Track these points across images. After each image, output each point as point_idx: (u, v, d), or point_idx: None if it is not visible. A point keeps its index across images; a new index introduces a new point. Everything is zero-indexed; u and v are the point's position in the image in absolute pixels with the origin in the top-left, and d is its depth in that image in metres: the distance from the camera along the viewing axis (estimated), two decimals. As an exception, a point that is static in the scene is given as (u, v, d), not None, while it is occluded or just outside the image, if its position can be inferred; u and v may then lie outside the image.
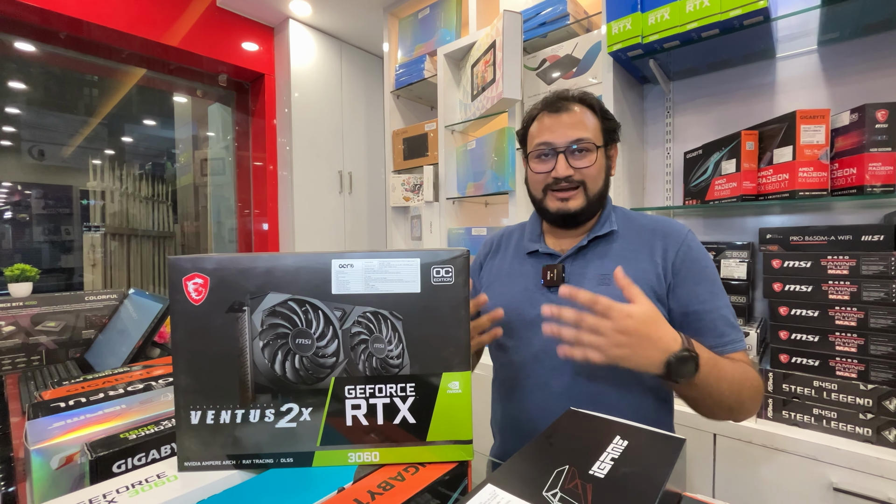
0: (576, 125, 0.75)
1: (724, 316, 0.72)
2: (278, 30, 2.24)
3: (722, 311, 0.72)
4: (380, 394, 0.39)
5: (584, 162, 0.75)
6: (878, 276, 0.93)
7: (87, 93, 2.21)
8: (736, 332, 0.72)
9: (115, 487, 0.36)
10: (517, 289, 0.81)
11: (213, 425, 0.39)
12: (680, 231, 0.76)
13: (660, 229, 0.77)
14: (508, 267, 0.85)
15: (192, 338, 0.39)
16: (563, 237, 0.83)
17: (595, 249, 0.78)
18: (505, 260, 0.87)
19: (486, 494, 0.30)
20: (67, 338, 1.27)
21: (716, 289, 0.74)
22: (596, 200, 0.77)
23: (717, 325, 0.72)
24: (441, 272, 0.38)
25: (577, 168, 0.75)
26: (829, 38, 1.19)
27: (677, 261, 0.73)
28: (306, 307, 0.39)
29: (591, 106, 0.78)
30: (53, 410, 0.52)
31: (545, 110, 0.79)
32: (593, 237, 0.77)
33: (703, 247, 0.77)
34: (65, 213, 2.16)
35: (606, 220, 0.79)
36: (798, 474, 0.98)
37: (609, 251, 0.77)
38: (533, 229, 0.86)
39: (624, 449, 0.36)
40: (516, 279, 0.82)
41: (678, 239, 0.75)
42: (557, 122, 0.76)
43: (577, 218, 0.77)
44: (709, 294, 0.73)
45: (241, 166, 2.45)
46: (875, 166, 0.97)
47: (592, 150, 0.75)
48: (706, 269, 0.74)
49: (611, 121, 0.79)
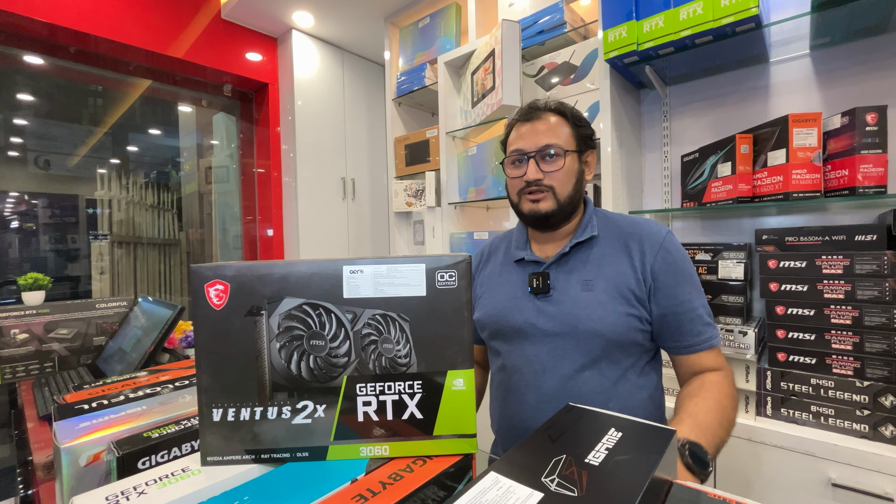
0: (546, 132, 0.79)
1: (701, 315, 0.76)
2: (281, 40, 2.28)
3: (698, 311, 0.76)
4: (389, 391, 0.41)
5: (553, 166, 0.78)
6: (872, 274, 0.96)
7: (93, 103, 2.25)
8: (711, 329, 0.76)
9: (145, 480, 0.39)
10: (506, 296, 0.84)
11: (234, 422, 0.42)
12: (658, 233, 0.79)
13: (637, 232, 0.79)
14: (498, 275, 0.88)
15: (213, 340, 0.42)
16: (547, 243, 0.85)
17: (577, 255, 0.80)
18: (495, 268, 0.90)
19: (489, 480, 0.32)
20: (79, 345, 1.30)
21: (693, 289, 0.76)
22: (567, 203, 0.80)
23: (695, 325, 0.75)
24: (445, 276, 0.40)
25: (547, 172, 0.78)
26: (820, 43, 1.22)
27: (656, 265, 0.76)
28: (320, 311, 0.42)
29: (564, 114, 0.82)
30: (78, 412, 0.55)
31: (520, 120, 0.83)
32: (575, 243, 0.80)
33: (681, 247, 0.79)
34: (71, 222, 2.19)
35: (587, 224, 0.82)
36: (797, 470, 1.00)
37: (590, 256, 0.80)
38: (519, 237, 0.89)
39: (618, 440, 0.38)
40: (504, 287, 0.85)
41: (656, 242, 0.77)
42: (530, 129, 0.81)
43: (549, 220, 0.80)
44: (687, 295, 0.75)
45: (245, 174, 2.49)
46: (866, 168, 1.00)
47: (561, 156, 0.78)
48: (683, 270, 0.77)
49: (584, 128, 0.83)
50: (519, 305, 0.81)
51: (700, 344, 0.75)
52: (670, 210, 1.43)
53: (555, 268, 0.81)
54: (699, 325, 0.75)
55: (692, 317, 0.75)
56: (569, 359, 0.76)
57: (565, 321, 0.76)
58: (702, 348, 0.75)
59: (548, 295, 0.79)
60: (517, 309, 0.81)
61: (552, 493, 0.31)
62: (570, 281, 0.78)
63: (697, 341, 0.75)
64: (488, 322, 0.84)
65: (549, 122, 0.80)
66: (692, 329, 0.75)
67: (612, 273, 0.77)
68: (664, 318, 0.76)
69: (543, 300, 0.79)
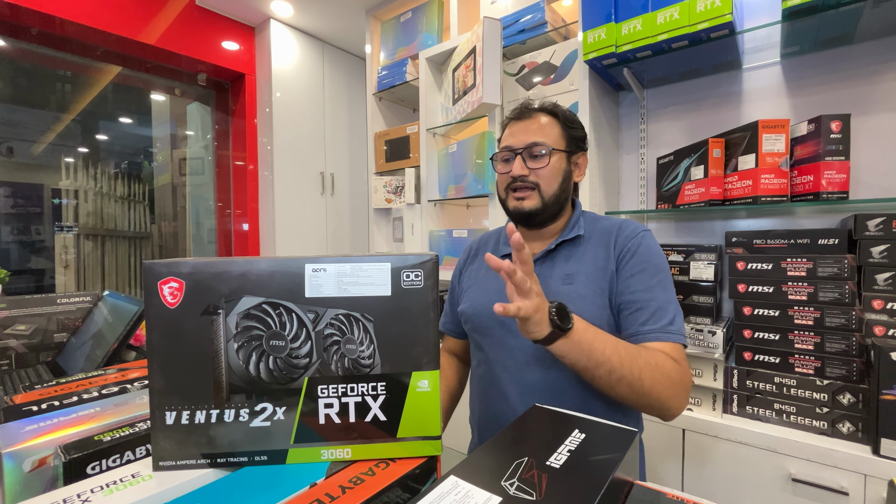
0: (536, 131, 0.80)
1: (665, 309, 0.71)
2: (259, 30, 2.22)
3: (655, 303, 0.71)
4: (352, 393, 0.40)
5: (539, 164, 0.79)
6: (833, 277, 0.99)
7: (60, 89, 2.15)
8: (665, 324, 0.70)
9: (90, 487, 0.37)
10: (491, 290, 0.84)
11: (188, 425, 0.40)
12: (634, 230, 0.78)
13: (616, 229, 0.80)
14: (485, 270, 0.89)
15: (167, 340, 0.40)
16: (534, 241, 0.86)
17: (562, 252, 0.81)
18: (482, 264, 0.91)
19: (448, 485, 0.32)
20: (38, 341, 1.24)
21: (654, 282, 0.73)
22: (553, 203, 0.80)
23: (642, 315, 0.71)
24: (411, 276, 0.40)
25: (532, 169, 0.79)
26: (790, 52, 1.25)
27: (621, 254, 0.76)
28: (280, 310, 0.40)
29: (556, 115, 0.83)
30: (26, 414, 0.52)
31: (513, 118, 0.84)
32: (561, 241, 0.81)
33: (658, 247, 0.77)
34: (35, 212, 2.09)
35: (575, 224, 0.83)
36: (759, 466, 1.03)
37: (574, 253, 0.80)
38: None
39: (581, 441, 0.38)
40: (490, 281, 0.85)
41: (629, 235, 0.78)
42: (521, 128, 0.82)
43: (534, 218, 0.81)
44: (644, 286, 0.72)
45: (220, 166, 2.42)
46: (830, 174, 1.03)
47: (547, 154, 0.78)
48: (648, 262, 0.74)
49: (576, 129, 0.83)
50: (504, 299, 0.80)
51: (645, 333, 0.70)
52: (645, 211, 1.45)
53: (539, 264, 0.81)
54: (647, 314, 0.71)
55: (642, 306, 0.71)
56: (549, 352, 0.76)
57: None
58: (647, 338, 0.69)
59: None
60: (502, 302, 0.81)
61: (511, 496, 0.31)
62: (553, 276, 0.79)
63: (642, 330, 0.70)
64: (472, 315, 0.85)
65: (539, 122, 0.81)
66: (638, 318, 0.71)
67: (591, 268, 0.77)
68: (619, 308, 0.74)
69: None
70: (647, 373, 0.63)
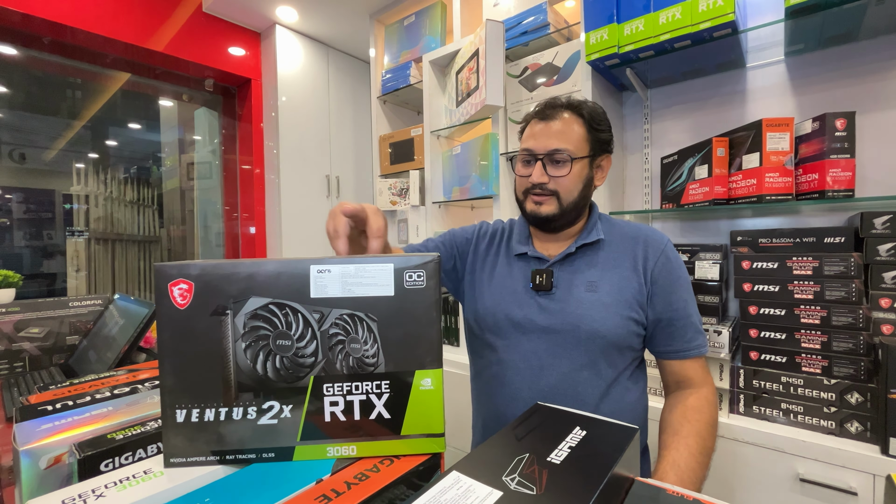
0: (558, 135, 0.77)
1: (694, 323, 0.78)
2: (265, 35, 2.25)
3: (692, 319, 0.78)
4: (356, 391, 0.41)
5: (560, 171, 0.77)
6: (839, 276, 0.98)
7: (71, 96, 2.19)
8: (701, 338, 0.79)
9: (104, 483, 0.38)
10: (506, 291, 0.83)
11: (198, 423, 0.41)
12: (660, 241, 0.80)
13: (641, 238, 0.81)
14: (499, 267, 0.87)
15: (177, 340, 0.41)
16: (550, 242, 0.85)
17: (583, 257, 0.80)
18: (497, 257, 0.89)
19: (450, 479, 0.33)
20: (51, 344, 1.27)
21: (688, 297, 0.79)
22: (571, 209, 0.80)
23: (687, 332, 0.77)
24: (413, 276, 0.40)
25: (552, 177, 0.78)
26: (794, 50, 1.25)
27: (656, 270, 0.77)
28: (286, 310, 0.41)
29: (581, 115, 0.79)
30: (41, 413, 0.53)
31: (535, 117, 0.82)
32: (581, 244, 0.80)
33: (679, 255, 0.81)
34: (47, 217, 2.13)
35: (593, 227, 0.82)
36: (767, 466, 1.03)
37: (596, 259, 0.80)
38: (521, 231, 0.88)
39: (582, 438, 0.39)
40: (505, 280, 0.84)
41: (658, 248, 0.79)
42: (543, 129, 0.79)
43: (550, 223, 0.81)
44: (682, 302, 0.77)
45: (227, 170, 2.45)
46: (835, 172, 1.02)
47: (568, 162, 0.77)
48: (680, 278, 0.79)
49: (602, 131, 0.81)
50: (519, 300, 0.81)
51: (689, 350, 0.77)
52: (650, 211, 1.45)
53: (558, 266, 0.81)
54: (691, 331, 0.77)
55: (685, 323, 0.77)
56: (567, 357, 0.76)
57: (567, 320, 0.76)
58: (690, 355, 0.77)
59: (550, 292, 0.79)
60: (517, 304, 0.81)
61: (511, 491, 0.31)
62: (574, 281, 0.79)
63: (687, 347, 0.77)
64: (486, 315, 0.83)
65: (562, 124, 0.78)
66: (684, 335, 0.77)
67: (617, 277, 0.78)
68: (658, 323, 0.78)
69: (545, 297, 0.79)
70: (711, 442, 0.72)
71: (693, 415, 0.72)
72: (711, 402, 0.76)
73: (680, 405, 0.75)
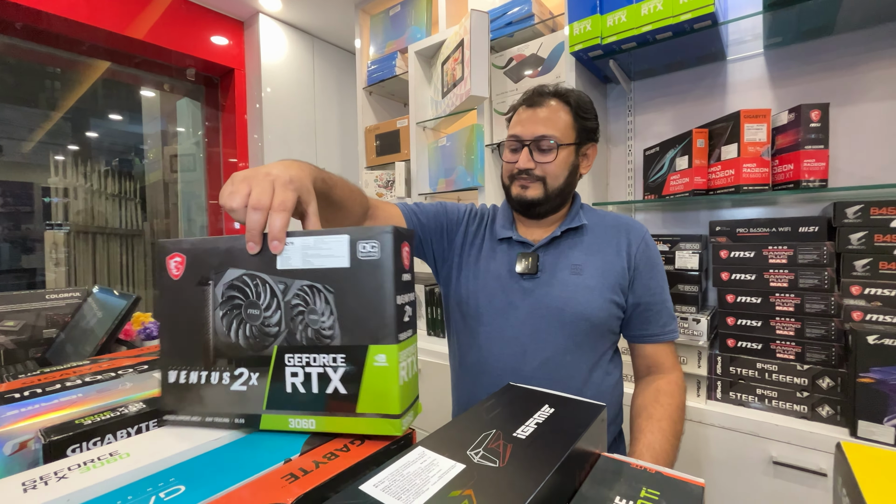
0: (545, 121, 0.78)
1: (668, 308, 0.82)
2: (248, 24, 2.21)
3: (667, 304, 0.81)
4: (314, 363, 0.42)
5: (546, 158, 0.78)
6: (813, 264, 1.01)
7: (49, 85, 2.13)
8: (674, 323, 0.82)
9: (67, 465, 0.37)
10: (489, 275, 0.83)
11: (185, 384, 0.45)
12: (640, 229, 0.83)
13: (623, 226, 0.83)
14: (484, 251, 0.87)
15: (171, 308, 0.45)
16: (534, 227, 0.86)
17: (567, 241, 0.82)
18: (483, 241, 0.88)
19: (415, 454, 0.33)
20: (27, 337, 1.24)
21: (664, 283, 0.82)
22: (556, 195, 0.81)
23: (662, 316, 0.81)
24: (367, 247, 0.40)
25: (539, 163, 0.78)
26: (773, 43, 1.26)
27: (638, 256, 0.80)
28: (257, 281, 0.43)
29: (568, 102, 0.80)
30: (8, 401, 0.52)
31: (523, 104, 0.83)
32: (566, 229, 0.81)
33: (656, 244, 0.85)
34: (25, 210, 2.08)
35: (577, 214, 0.84)
36: (742, 450, 1.05)
37: (580, 243, 0.81)
38: (505, 217, 0.88)
39: (549, 415, 0.40)
40: (489, 265, 0.84)
41: (639, 236, 0.82)
42: (530, 116, 0.80)
43: (535, 207, 0.81)
44: (659, 288, 0.81)
45: (211, 162, 2.41)
46: (810, 162, 1.04)
47: (554, 148, 0.78)
48: (658, 265, 0.82)
49: (588, 119, 0.82)
50: (503, 285, 0.81)
51: (664, 335, 0.80)
52: (633, 202, 1.46)
53: (543, 251, 0.81)
54: (665, 316, 0.81)
55: (661, 308, 0.80)
56: (551, 342, 0.77)
57: (552, 304, 0.77)
58: (664, 339, 0.81)
59: (535, 276, 0.79)
60: (501, 289, 0.81)
61: (474, 464, 0.32)
62: (559, 264, 0.79)
63: (662, 332, 0.80)
64: (468, 299, 0.83)
65: (549, 111, 0.79)
66: (659, 320, 0.80)
67: (600, 261, 0.79)
68: (637, 307, 0.80)
69: (529, 281, 0.79)
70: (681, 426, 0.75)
71: (665, 399, 0.74)
72: (681, 386, 0.78)
73: (652, 389, 0.76)
